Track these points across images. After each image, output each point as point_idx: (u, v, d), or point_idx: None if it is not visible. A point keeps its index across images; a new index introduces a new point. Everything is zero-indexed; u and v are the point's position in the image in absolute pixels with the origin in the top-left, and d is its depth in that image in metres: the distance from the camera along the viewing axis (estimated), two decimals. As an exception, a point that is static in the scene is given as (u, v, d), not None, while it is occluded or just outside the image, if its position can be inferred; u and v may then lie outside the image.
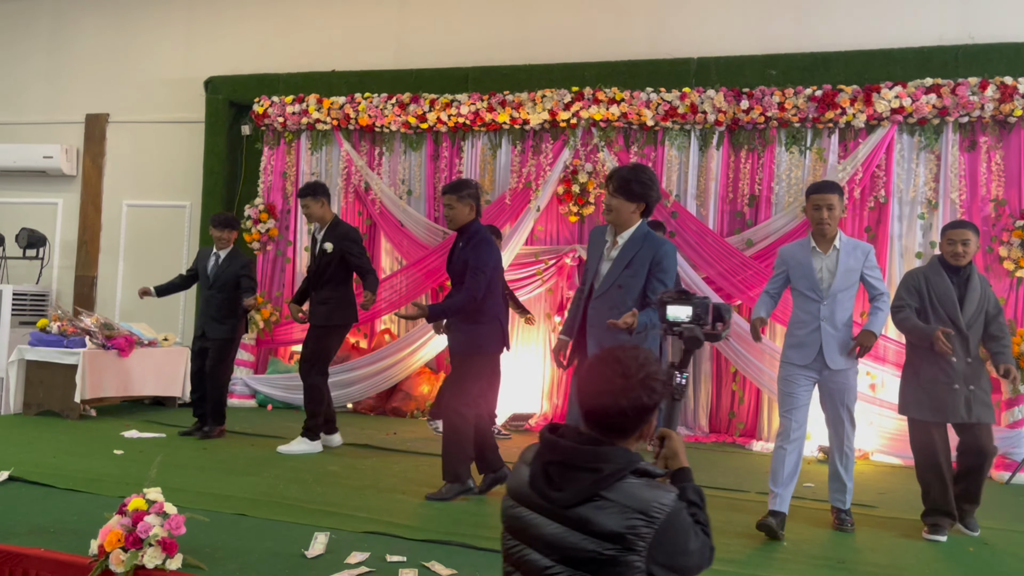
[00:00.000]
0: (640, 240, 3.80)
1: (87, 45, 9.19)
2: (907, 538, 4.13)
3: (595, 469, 1.76)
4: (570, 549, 1.74)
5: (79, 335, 6.83)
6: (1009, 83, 6.25)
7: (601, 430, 1.83)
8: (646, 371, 1.82)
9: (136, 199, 8.93)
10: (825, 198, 4.10)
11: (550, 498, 1.78)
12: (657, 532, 1.72)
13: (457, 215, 4.52)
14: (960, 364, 4.08)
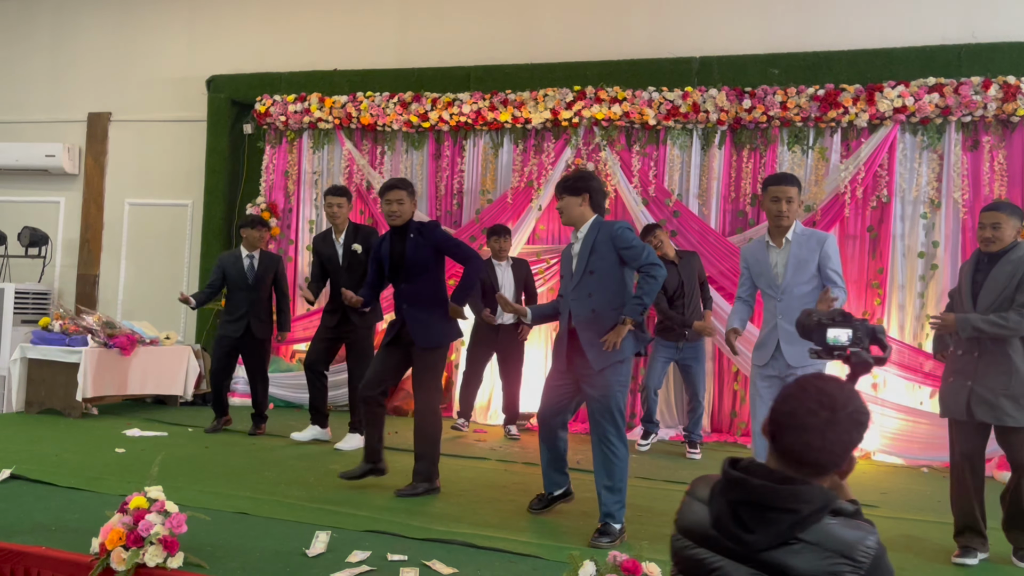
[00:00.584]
0: (596, 228, 3.98)
1: (89, 44, 9.19)
2: (909, 537, 4.12)
3: (793, 510, 1.60)
4: None
5: (81, 334, 6.83)
6: (1012, 82, 6.24)
7: (798, 467, 1.66)
8: (854, 405, 1.67)
9: (138, 198, 8.94)
10: (785, 190, 3.93)
11: (742, 540, 1.62)
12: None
13: (406, 211, 4.61)
14: (965, 359, 3.75)
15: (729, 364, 6.96)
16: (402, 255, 4.56)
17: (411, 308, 4.55)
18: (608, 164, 7.18)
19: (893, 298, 6.63)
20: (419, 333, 4.52)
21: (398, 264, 4.58)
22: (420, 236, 4.56)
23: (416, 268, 4.54)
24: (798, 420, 1.65)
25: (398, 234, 4.62)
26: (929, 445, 6.17)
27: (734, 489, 1.64)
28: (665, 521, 4.23)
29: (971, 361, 3.74)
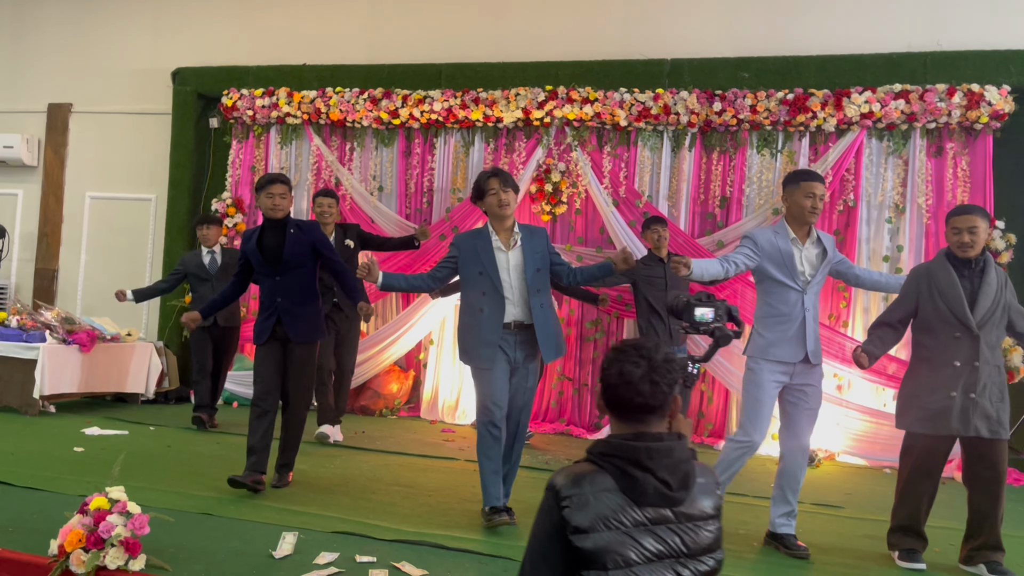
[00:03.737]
0: (527, 229, 4.21)
1: (50, 33, 8.98)
2: (873, 538, 4.17)
3: (690, 460, 1.79)
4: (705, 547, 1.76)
5: (39, 329, 6.67)
6: (976, 90, 6.36)
7: (640, 418, 1.80)
8: (663, 352, 1.84)
9: (100, 191, 8.75)
10: (822, 187, 3.86)
11: (674, 499, 1.74)
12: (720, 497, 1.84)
13: (287, 205, 4.61)
14: (964, 369, 3.61)
15: (697, 365, 6.99)
16: (280, 249, 4.53)
17: (286, 302, 4.52)
18: (579, 164, 7.18)
19: (858, 301, 6.72)
20: (296, 328, 4.52)
21: (274, 258, 4.54)
22: (300, 232, 4.56)
23: (293, 263, 4.53)
24: (626, 377, 1.79)
25: (274, 228, 4.58)
26: (892, 446, 6.20)
27: (659, 458, 1.74)
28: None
29: (973, 373, 3.61)
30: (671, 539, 1.73)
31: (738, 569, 3.56)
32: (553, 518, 1.73)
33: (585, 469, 1.78)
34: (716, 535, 1.78)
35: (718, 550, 1.79)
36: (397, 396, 7.49)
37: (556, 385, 7.29)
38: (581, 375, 7.26)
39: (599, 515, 1.70)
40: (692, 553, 1.74)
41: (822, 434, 6.48)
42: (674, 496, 1.74)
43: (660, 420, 1.82)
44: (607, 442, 1.80)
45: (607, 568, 1.68)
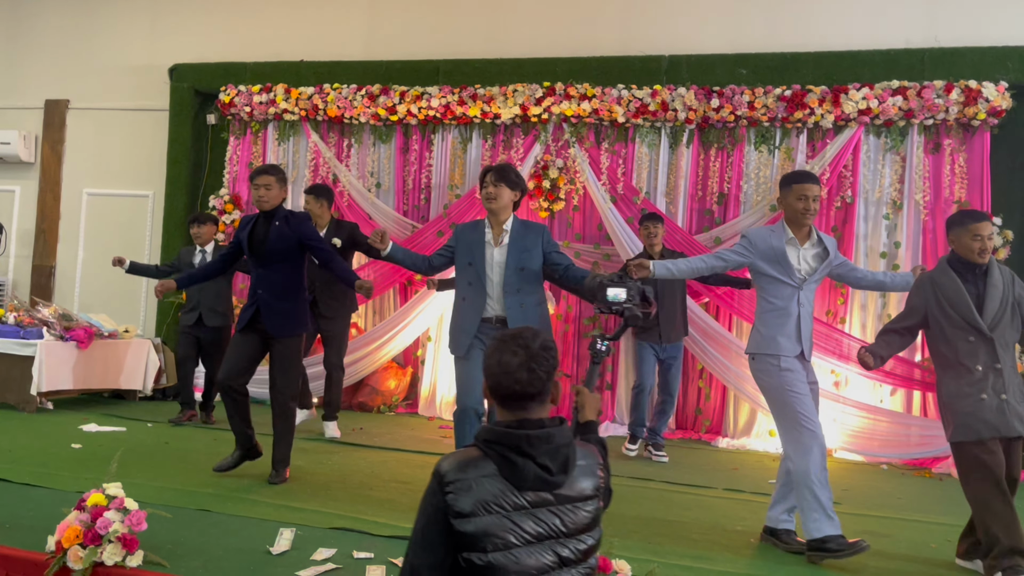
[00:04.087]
0: (523, 226, 4.22)
1: (47, 29, 8.96)
2: (870, 534, 4.17)
3: (569, 443, 1.88)
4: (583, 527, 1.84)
5: (36, 326, 6.66)
6: (973, 86, 6.36)
7: (523, 405, 1.88)
8: (540, 340, 1.92)
9: (97, 187, 8.73)
10: (814, 189, 3.83)
11: (554, 483, 1.82)
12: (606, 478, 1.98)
13: (275, 197, 4.60)
14: (986, 372, 3.57)
15: (695, 362, 7.00)
16: (264, 241, 4.55)
17: (266, 295, 4.53)
18: (577, 161, 7.17)
19: (855, 298, 6.73)
20: (274, 323, 4.52)
21: (259, 250, 4.56)
22: (286, 225, 4.56)
23: (276, 256, 4.53)
24: (504, 366, 1.87)
25: (263, 220, 4.62)
26: (889, 443, 6.28)
27: (539, 444, 1.82)
28: (634, 518, 4.24)
29: (997, 376, 3.58)
30: (551, 521, 1.80)
31: (737, 565, 3.57)
32: (437, 502, 1.80)
33: (470, 455, 1.85)
34: (595, 514, 1.88)
35: (596, 528, 1.88)
36: (395, 392, 7.49)
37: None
38: (579, 372, 7.27)
39: (481, 500, 1.77)
40: (571, 533, 1.82)
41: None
42: (554, 480, 1.82)
43: (541, 406, 1.89)
44: (491, 429, 1.87)
45: (487, 551, 1.75)
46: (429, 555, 1.79)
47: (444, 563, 1.79)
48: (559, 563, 1.80)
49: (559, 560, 1.80)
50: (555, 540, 1.80)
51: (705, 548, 3.76)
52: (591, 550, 1.86)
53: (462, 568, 1.78)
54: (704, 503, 4.67)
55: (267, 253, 4.53)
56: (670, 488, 5.04)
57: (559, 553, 1.80)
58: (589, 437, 2.20)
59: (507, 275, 4.12)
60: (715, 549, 3.77)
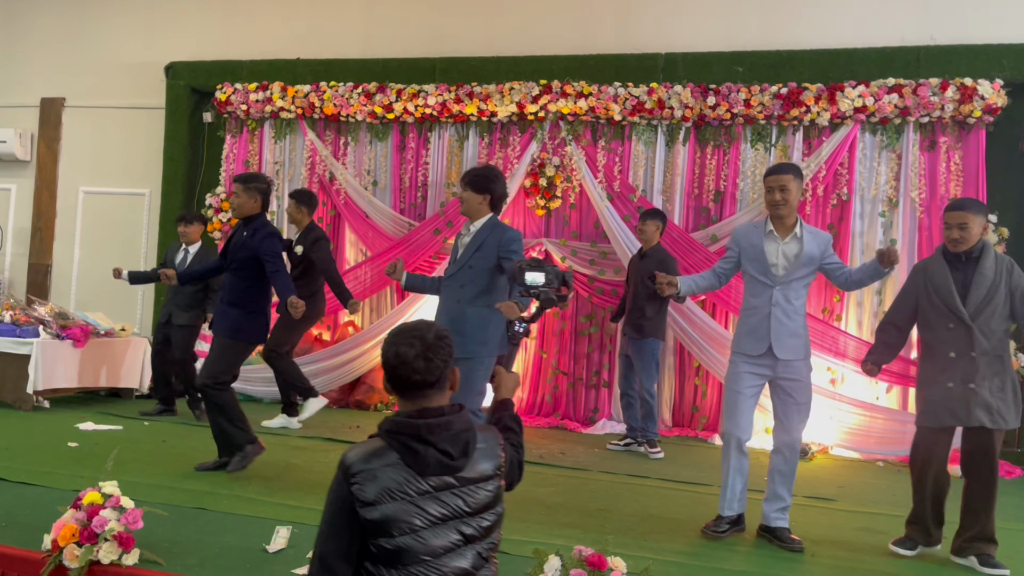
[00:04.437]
0: (489, 228, 4.22)
1: (43, 27, 8.94)
2: (866, 531, 4.19)
3: (469, 428, 1.98)
4: (484, 505, 1.96)
5: (32, 324, 6.66)
6: (969, 84, 6.37)
7: (423, 394, 1.97)
8: (434, 331, 2.00)
9: (93, 186, 8.72)
10: (778, 179, 3.84)
11: (455, 467, 1.93)
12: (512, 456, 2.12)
13: (243, 204, 4.74)
14: (960, 361, 3.63)
15: (691, 359, 7.01)
16: (231, 246, 4.75)
17: (222, 297, 4.76)
18: (573, 159, 7.18)
19: (851, 295, 6.74)
20: (216, 320, 4.74)
21: (227, 254, 4.77)
22: (251, 237, 4.68)
23: (235, 262, 4.70)
24: (401, 357, 1.95)
25: (241, 226, 4.79)
26: (885, 440, 6.29)
27: (439, 432, 1.92)
28: (629, 516, 4.25)
29: (970, 363, 3.63)
30: (453, 502, 1.91)
31: (732, 562, 3.58)
32: (343, 493, 1.88)
33: (374, 446, 1.93)
34: (495, 493, 1.99)
35: (498, 505, 2.00)
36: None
37: (551, 379, 7.30)
38: (576, 369, 7.28)
39: (385, 488, 1.86)
40: (474, 512, 1.94)
41: (815, 427, 6.50)
42: (455, 464, 1.92)
43: (440, 394, 1.98)
44: (393, 420, 1.95)
45: (394, 535, 1.85)
46: (337, 543, 1.87)
47: (351, 551, 1.88)
48: (464, 541, 1.91)
49: (464, 538, 1.91)
50: (459, 520, 1.91)
51: (700, 545, 3.77)
52: (493, 526, 1.99)
53: (372, 553, 1.87)
54: (700, 500, 4.68)
55: (231, 259, 4.73)
56: (666, 485, 5.05)
57: (463, 531, 1.92)
58: (502, 414, 2.36)
59: (458, 271, 4.21)
60: (710, 546, 3.78)
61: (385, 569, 1.86)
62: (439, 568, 1.87)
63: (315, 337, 7.76)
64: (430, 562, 1.86)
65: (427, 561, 1.86)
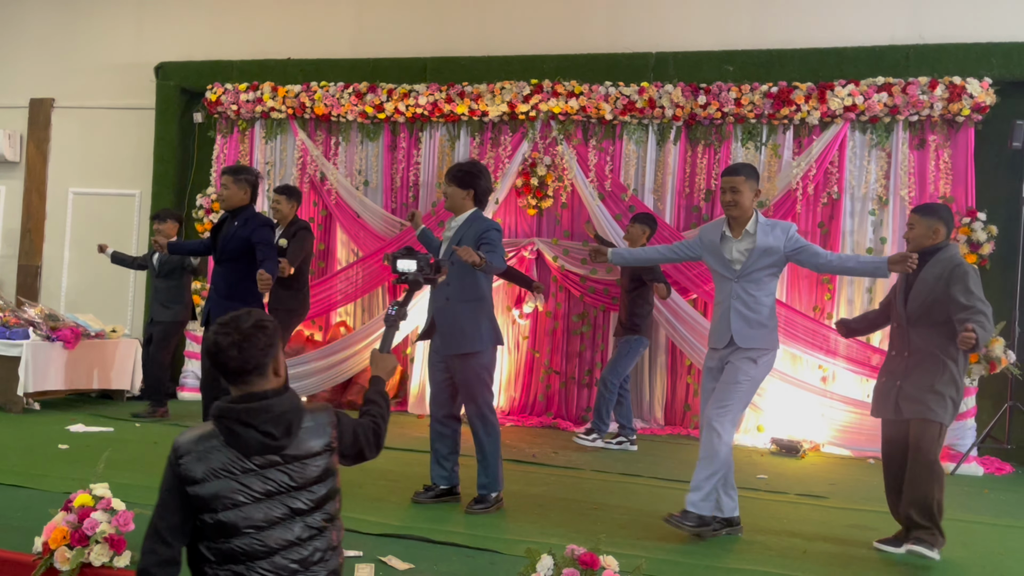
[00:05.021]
0: (469, 222, 4.23)
1: (32, 27, 8.90)
2: (857, 527, 4.21)
3: (296, 408, 2.12)
4: (313, 480, 2.10)
5: (22, 326, 6.62)
6: (958, 83, 6.40)
7: (244, 379, 2.10)
8: (253, 319, 2.12)
9: (83, 187, 8.69)
10: (729, 180, 3.91)
11: (279, 447, 2.07)
12: (342, 434, 2.24)
13: (232, 196, 4.78)
14: (897, 359, 3.86)
15: (683, 357, 7.03)
16: (222, 237, 4.76)
17: (214, 292, 4.75)
18: (565, 158, 7.18)
19: (842, 293, 6.77)
20: (212, 317, 4.72)
21: (217, 245, 4.77)
22: (243, 227, 4.68)
23: (227, 253, 4.71)
24: (218, 346, 2.09)
25: (230, 217, 4.81)
26: (876, 437, 6.21)
27: (259, 415, 2.06)
28: (621, 514, 4.26)
29: (902, 361, 3.81)
30: (279, 478, 2.06)
31: (724, 560, 3.59)
32: (174, 472, 2.08)
33: (203, 429, 2.11)
34: (325, 467, 2.13)
35: (329, 479, 2.14)
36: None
37: (543, 379, 7.30)
38: (568, 368, 7.28)
39: (211, 468, 2.04)
40: (301, 486, 2.09)
41: (806, 425, 6.54)
42: (278, 444, 2.06)
43: (262, 379, 2.11)
44: (219, 405, 2.10)
45: (217, 511, 2.02)
46: (169, 518, 2.06)
47: (183, 526, 2.06)
48: (292, 514, 2.07)
49: (292, 511, 2.07)
50: (286, 495, 2.07)
51: (692, 543, 3.78)
52: (326, 498, 2.13)
53: (197, 528, 2.05)
54: (692, 498, 4.68)
55: (222, 249, 4.73)
56: (658, 483, 5.06)
57: (291, 505, 2.07)
58: (371, 392, 2.54)
59: None
60: (703, 544, 3.79)
61: (212, 542, 2.02)
62: (263, 540, 2.02)
63: (307, 338, 7.75)
64: (253, 534, 2.01)
65: (250, 533, 2.01)
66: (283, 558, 2.03)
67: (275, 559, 2.02)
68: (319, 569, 2.09)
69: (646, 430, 6.85)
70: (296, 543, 2.05)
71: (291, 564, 2.04)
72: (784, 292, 6.83)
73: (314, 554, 2.08)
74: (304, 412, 2.13)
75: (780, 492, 4.94)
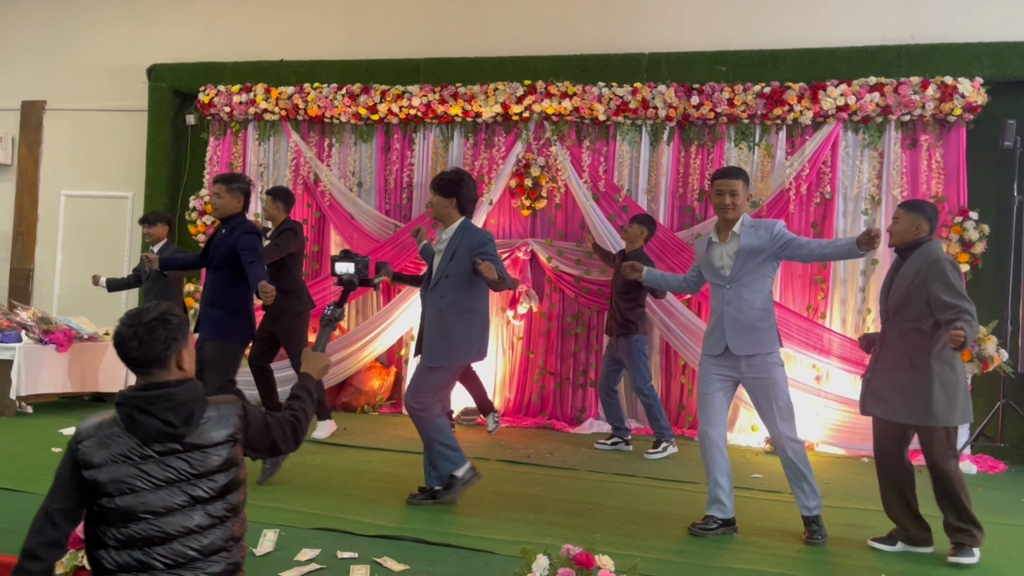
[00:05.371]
0: (461, 232, 4.21)
1: (23, 29, 8.87)
2: (852, 526, 4.22)
3: (197, 399, 2.15)
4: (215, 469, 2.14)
5: (15, 329, 6.60)
6: (949, 83, 6.43)
7: (147, 370, 2.15)
8: (155, 313, 2.17)
9: (75, 189, 8.66)
10: (729, 183, 3.94)
11: (178, 435, 2.10)
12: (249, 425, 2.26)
13: (225, 205, 4.77)
14: (878, 354, 3.87)
15: (677, 358, 7.04)
16: (212, 245, 4.76)
17: (203, 298, 4.77)
18: (558, 159, 7.19)
19: (835, 293, 6.79)
20: (201, 325, 4.72)
21: (207, 252, 4.79)
22: (229, 235, 4.68)
23: (215, 261, 4.70)
24: (120, 338, 2.15)
25: (221, 225, 4.81)
26: (870, 436, 6.26)
27: (158, 403, 2.10)
28: (616, 514, 4.27)
29: (877, 358, 3.86)
30: (178, 466, 2.09)
31: (719, 559, 3.59)
32: (72, 456, 2.10)
33: (105, 416, 2.16)
34: (227, 457, 2.17)
35: (232, 469, 2.18)
36: (379, 392, 7.48)
37: (538, 379, 7.30)
38: (563, 369, 7.29)
39: (110, 453, 2.07)
40: (201, 474, 2.12)
41: (801, 424, 6.52)
42: (177, 432, 2.10)
43: (164, 370, 2.16)
44: (122, 393, 2.14)
45: (114, 496, 2.05)
46: (62, 501, 2.09)
47: (75, 510, 2.10)
48: (192, 501, 2.10)
49: (192, 499, 2.10)
50: (186, 482, 2.10)
51: (688, 543, 3.79)
52: (228, 488, 2.16)
53: (96, 513, 2.08)
54: (688, 498, 4.69)
55: (211, 257, 4.73)
56: (653, 483, 5.07)
57: (191, 493, 2.10)
58: (297, 387, 2.55)
59: (437, 283, 4.22)
60: (698, 544, 3.79)
61: (112, 527, 2.06)
62: (160, 526, 2.06)
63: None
64: (151, 520, 2.05)
65: (148, 519, 2.05)
66: (182, 545, 2.07)
67: (173, 545, 2.06)
68: (219, 559, 2.13)
69: (640, 430, 6.86)
70: (195, 531, 2.09)
71: (190, 551, 2.08)
72: (778, 292, 6.84)
73: (214, 543, 2.12)
74: (207, 403, 2.18)
75: (775, 491, 4.95)
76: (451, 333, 4.13)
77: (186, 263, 5.30)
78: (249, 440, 2.28)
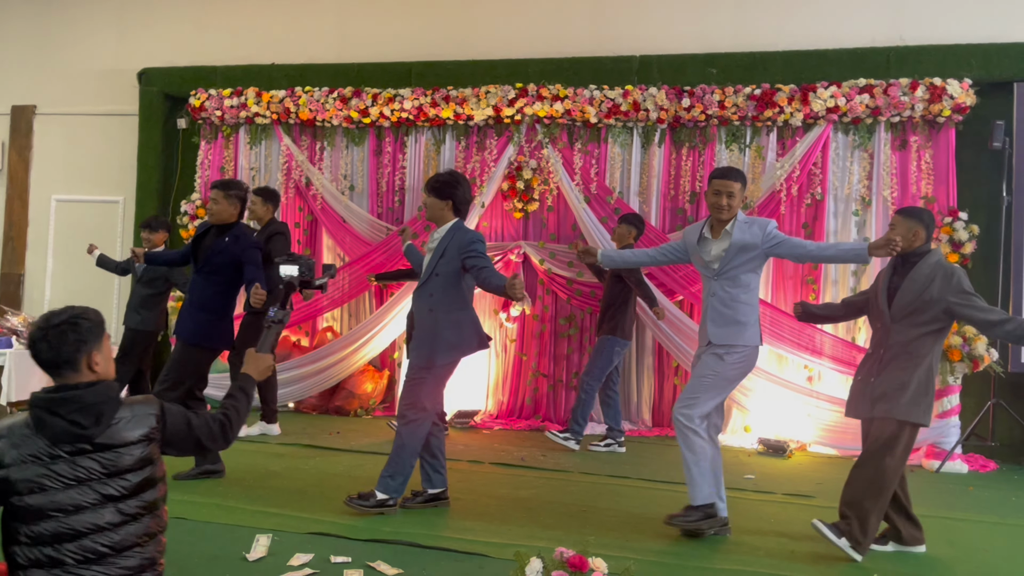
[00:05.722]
0: (452, 233, 4.22)
1: (13, 33, 8.83)
2: (844, 527, 4.22)
3: (110, 398, 2.20)
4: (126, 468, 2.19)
5: (5, 335, 6.58)
6: (938, 84, 6.46)
7: (59, 371, 2.20)
8: (64, 316, 2.23)
9: (66, 194, 8.62)
10: (728, 184, 3.94)
11: (87, 436, 2.15)
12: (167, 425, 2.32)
13: (221, 211, 4.77)
14: (875, 356, 3.83)
15: (670, 359, 7.05)
16: (206, 249, 4.73)
17: (188, 300, 4.75)
18: (550, 162, 7.20)
19: (826, 293, 6.81)
20: (180, 323, 4.72)
21: (199, 256, 4.76)
22: (234, 243, 4.68)
23: (210, 266, 4.70)
24: (31, 340, 2.22)
25: (217, 231, 4.79)
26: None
27: (66, 404, 2.15)
28: (610, 516, 4.27)
29: (878, 359, 3.79)
30: (88, 465, 2.15)
31: (713, 560, 3.60)
32: None
33: (17, 418, 2.20)
34: (142, 455, 2.22)
35: (147, 467, 2.23)
36: (372, 395, 7.47)
37: (531, 382, 7.31)
38: (556, 371, 7.29)
39: (20, 453, 2.13)
40: (113, 473, 2.17)
41: (793, 425, 6.57)
42: (86, 433, 2.15)
43: (75, 373, 2.21)
44: (34, 395, 2.19)
45: (23, 494, 2.11)
46: None
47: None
48: (103, 499, 2.15)
49: (103, 497, 2.15)
50: (96, 481, 2.15)
51: (681, 544, 3.80)
52: (143, 486, 2.22)
53: (9, 511, 2.14)
54: (681, 500, 4.68)
55: (205, 261, 4.71)
56: (647, 485, 5.07)
57: (101, 492, 2.15)
58: (233, 387, 2.62)
59: (427, 281, 4.22)
60: (691, 545, 3.80)
61: (21, 524, 2.11)
62: (70, 524, 2.11)
63: (293, 343, 7.72)
64: (61, 518, 2.11)
65: (57, 517, 2.11)
66: (92, 541, 2.13)
67: (83, 542, 2.12)
68: (132, 554, 2.18)
69: (634, 432, 6.87)
70: (106, 528, 2.14)
71: (101, 547, 2.13)
72: (769, 292, 6.87)
73: (127, 539, 2.17)
74: (119, 403, 2.22)
75: (767, 492, 4.97)
76: (443, 331, 4.13)
77: (170, 259, 5.34)
78: (168, 439, 2.32)
